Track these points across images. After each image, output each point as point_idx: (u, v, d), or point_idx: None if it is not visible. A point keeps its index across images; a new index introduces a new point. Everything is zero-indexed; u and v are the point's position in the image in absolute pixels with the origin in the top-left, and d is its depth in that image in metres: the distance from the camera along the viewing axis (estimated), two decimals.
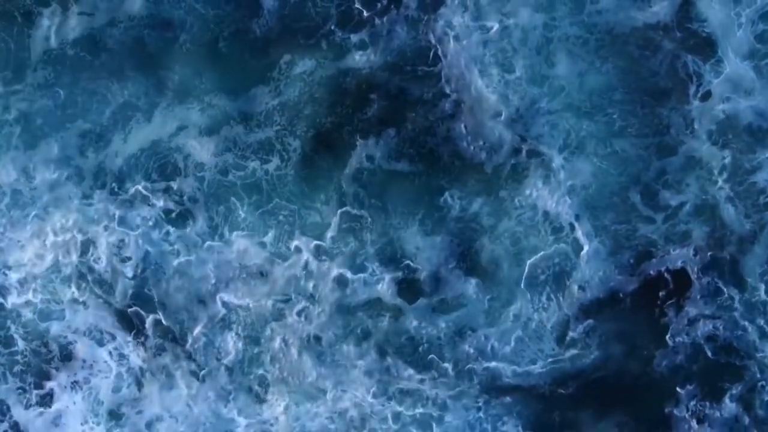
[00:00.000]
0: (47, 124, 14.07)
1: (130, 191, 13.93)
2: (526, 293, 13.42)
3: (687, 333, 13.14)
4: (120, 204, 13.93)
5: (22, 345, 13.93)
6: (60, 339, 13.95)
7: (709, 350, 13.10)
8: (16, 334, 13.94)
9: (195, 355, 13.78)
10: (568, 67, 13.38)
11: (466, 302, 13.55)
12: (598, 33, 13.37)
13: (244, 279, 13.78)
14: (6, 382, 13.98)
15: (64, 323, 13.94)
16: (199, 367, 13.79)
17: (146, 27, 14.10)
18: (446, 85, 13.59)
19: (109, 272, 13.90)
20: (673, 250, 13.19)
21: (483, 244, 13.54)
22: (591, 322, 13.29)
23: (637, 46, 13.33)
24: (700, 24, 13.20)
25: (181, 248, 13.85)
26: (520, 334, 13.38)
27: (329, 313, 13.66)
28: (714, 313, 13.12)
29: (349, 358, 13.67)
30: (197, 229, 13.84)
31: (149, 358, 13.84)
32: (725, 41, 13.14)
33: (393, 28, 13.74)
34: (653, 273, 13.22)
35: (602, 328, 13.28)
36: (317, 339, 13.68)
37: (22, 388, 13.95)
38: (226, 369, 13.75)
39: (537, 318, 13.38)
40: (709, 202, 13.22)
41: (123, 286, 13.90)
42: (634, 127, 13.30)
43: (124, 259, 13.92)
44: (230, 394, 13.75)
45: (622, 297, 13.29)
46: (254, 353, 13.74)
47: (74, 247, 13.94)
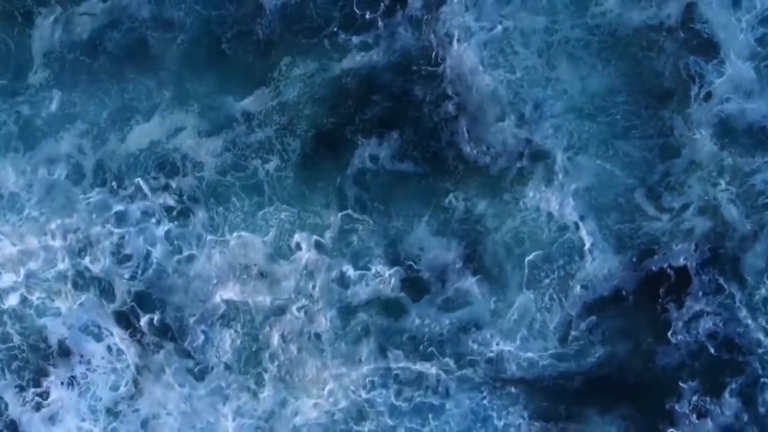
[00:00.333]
0: (47, 124, 14.02)
1: (130, 189, 13.90)
2: (530, 293, 13.48)
3: (689, 330, 13.23)
4: (119, 202, 13.91)
5: (18, 341, 13.87)
6: (57, 336, 13.88)
7: (711, 347, 13.20)
8: (12, 330, 13.88)
9: (193, 352, 13.75)
10: (570, 69, 13.47)
11: (471, 300, 13.60)
12: (600, 35, 13.46)
13: (243, 277, 13.78)
14: (4, 378, 13.93)
15: (61, 320, 13.88)
16: (197, 365, 13.77)
17: (147, 28, 14.06)
18: (448, 87, 13.62)
19: (108, 270, 13.85)
20: (676, 248, 13.28)
21: (488, 244, 13.58)
22: (595, 319, 13.32)
23: (640, 48, 13.43)
24: (703, 25, 13.33)
25: (180, 246, 13.84)
26: (525, 333, 13.46)
27: (330, 311, 13.70)
28: (715, 310, 13.23)
29: (349, 353, 13.73)
30: (197, 228, 13.83)
31: (147, 355, 13.81)
32: (727, 42, 13.25)
33: (396, 29, 13.78)
34: (656, 271, 13.29)
35: (606, 326, 13.33)
36: (317, 336, 13.72)
37: (20, 386, 13.88)
38: (225, 366, 13.74)
39: (541, 317, 13.44)
40: (710, 202, 13.33)
41: (121, 283, 13.86)
42: (637, 128, 13.39)
43: (122, 256, 13.88)
44: (228, 391, 13.76)
45: (626, 295, 13.35)
46: (253, 350, 13.72)
47: (72, 245, 13.91)
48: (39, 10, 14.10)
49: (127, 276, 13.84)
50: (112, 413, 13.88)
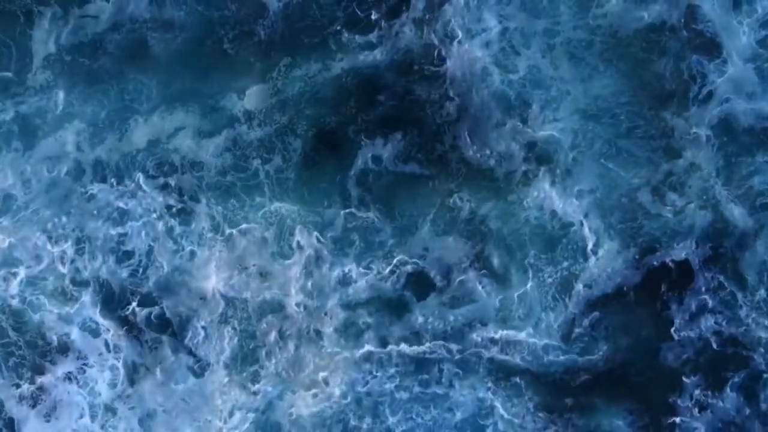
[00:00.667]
0: (47, 123, 13.98)
1: (130, 187, 13.88)
2: (535, 290, 13.52)
3: (691, 326, 13.27)
4: (119, 199, 13.88)
5: (15, 337, 13.79)
6: (55, 333, 13.78)
7: (714, 342, 13.24)
8: (9, 327, 13.78)
9: (192, 349, 13.68)
10: (573, 70, 13.56)
11: (476, 298, 13.62)
12: (602, 35, 13.55)
13: (243, 275, 13.76)
14: (2, 377, 13.86)
15: (59, 317, 13.80)
16: (196, 361, 13.71)
17: (148, 29, 14.04)
18: (451, 88, 13.67)
19: (107, 267, 13.81)
20: (678, 246, 13.35)
21: (492, 243, 13.61)
22: (598, 315, 13.31)
23: (642, 48, 13.53)
24: (705, 25, 13.44)
25: (180, 243, 13.81)
26: (530, 330, 13.50)
27: (330, 308, 13.71)
28: (717, 307, 13.29)
29: (349, 347, 13.71)
30: (197, 225, 13.81)
31: (145, 352, 13.73)
32: (729, 43, 13.36)
33: (399, 29, 13.82)
34: (658, 270, 13.36)
35: (609, 322, 13.37)
36: (317, 332, 13.71)
37: (16, 384, 13.81)
38: (224, 362, 13.70)
39: (545, 314, 13.46)
40: (711, 202, 13.42)
41: (120, 280, 13.80)
42: (640, 128, 13.47)
43: (122, 253, 13.84)
44: (227, 386, 13.74)
45: (629, 292, 13.41)
46: (252, 347, 13.65)
47: (72, 242, 13.86)
48: (40, 10, 14.05)
49: (126, 273, 13.78)
50: (109, 410, 13.80)
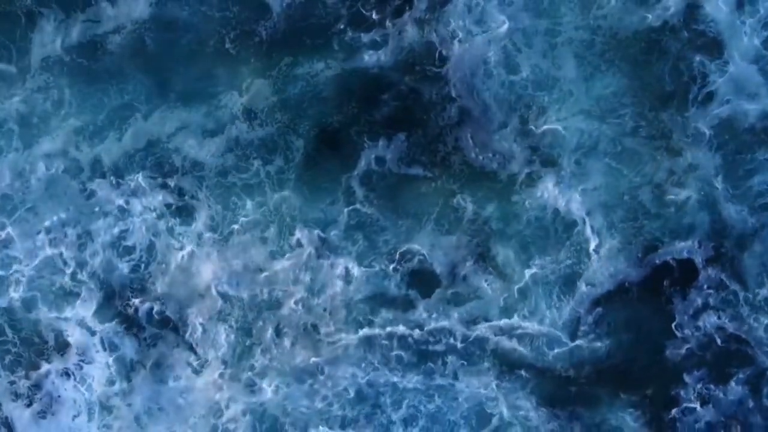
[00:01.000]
0: (48, 123, 14.02)
1: (131, 185, 13.89)
2: (539, 288, 13.58)
3: (694, 323, 13.31)
4: (119, 196, 13.90)
5: (11, 335, 13.81)
6: (53, 329, 13.80)
7: (718, 338, 13.25)
8: (6, 324, 13.82)
9: (191, 346, 13.66)
10: (575, 71, 13.55)
11: (481, 295, 13.64)
12: (603, 36, 13.55)
13: (243, 272, 13.80)
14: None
15: (57, 314, 13.82)
16: (195, 357, 13.73)
17: (151, 30, 14.08)
18: (454, 88, 13.69)
19: (106, 263, 13.82)
20: (679, 245, 13.36)
21: (496, 243, 13.63)
22: (602, 312, 13.37)
23: (645, 48, 13.52)
24: (707, 25, 13.43)
25: (180, 240, 13.82)
26: (534, 326, 13.52)
27: (331, 304, 13.72)
28: (719, 305, 13.32)
29: (349, 341, 13.75)
30: (198, 223, 13.83)
31: (143, 349, 13.74)
32: (732, 44, 13.37)
33: (402, 28, 13.83)
34: (661, 267, 13.38)
35: (614, 319, 13.40)
36: (314, 327, 13.71)
37: (12, 381, 13.80)
38: (221, 358, 13.72)
39: (550, 312, 13.55)
40: (712, 201, 13.42)
41: (119, 276, 13.82)
42: (642, 128, 13.46)
43: (121, 250, 13.86)
44: (223, 382, 13.74)
45: (632, 290, 13.44)
46: (249, 343, 13.69)
47: (71, 239, 13.88)
48: (41, 11, 14.08)
49: (125, 270, 13.78)
50: (106, 407, 13.80)
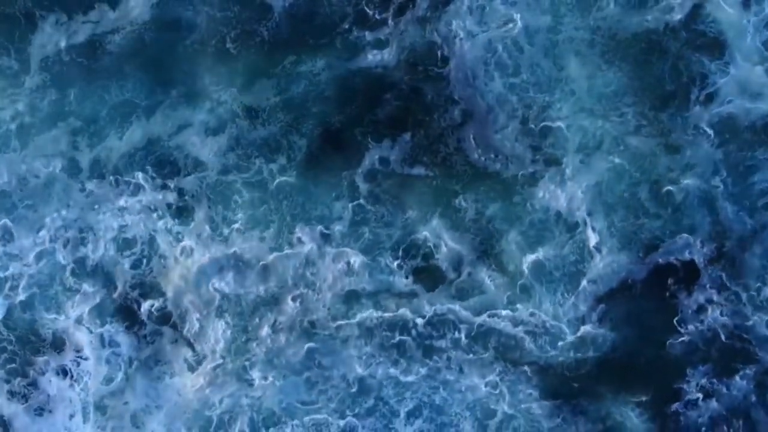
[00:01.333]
0: (46, 121, 13.97)
1: (131, 183, 13.88)
2: (542, 285, 13.58)
3: (697, 319, 13.44)
4: (119, 194, 13.89)
5: (7, 333, 13.78)
6: (50, 327, 13.77)
7: (722, 334, 13.31)
8: (2, 323, 13.81)
9: (189, 342, 13.65)
10: (577, 71, 13.56)
11: (485, 290, 13.67)
12: (604, 36, 13.56)
13: (243, 268, 13.80)
14: None
15: (55, 312, 13.79)
16: (192, 353, 13.73)
17: (153, 31, 14.06)
18: (455, 92, 13.73)
19: (105, 260, 13.81)
20: (680, 242, 13.39)
21: (499, 240, 13.65)
22: (605, 309, 13.40)
23: (646, 48, 13.55)
24: (709, 25, 13.46)
25: (179, 238, 13.80)
26: (538, 321, 13.64)
27: (332, 299, 13.77)
28: (721, 301, 13.33)
29: (351, 335, 13.78)
30: (198, 220, 13.82)
31: (140, 346, 13.69)
32: (735, 44, 13.45)
33: (405, 28, 13.84)
34: (663, 265, 13.40)
35: (616, 315, 13.42)
36: (311, 323, 13.76)
37: (8, 380, 13.77)
38: (220, 354, 13.74)
39: (553, 308, 13.59)
40: (712, 200, 13.45)
41: (118, 273, 13.81)
42: (643, 128, 13.47)
43: (120, 247, 13.85)
44: (219, 378, 13.79)
45: (635, 287, 13.45)
46: (246, 338, 13.68)
47: (71, 237, 13.86)
48: (42, 14, 14.01)
49: (124, 267, 13.78)
50: (102, 404, 13.75)
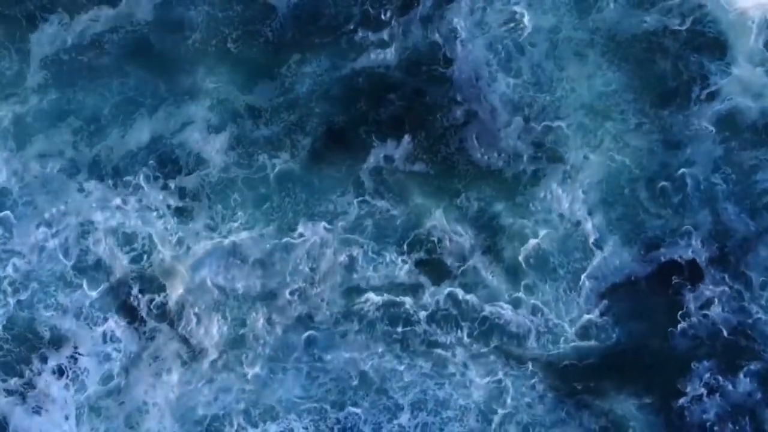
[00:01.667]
0: (45, 121, 13.93)
1: (132, 180, 13.88)
2: (545, 282, 13.66)
3: (700, 316, 13.56)
4: (121, 191, 13.89)
5: (3, 332, 13.72)
6: (48, 324, 13.69)
7: (725, 330, 13.37)
8: (4, 322, 13.75)
9: (186, 338, 13.61)
10: (578, 70, 13.71)
11: (488, 286, 13.69)
12: (604, 36, 13.73)
13: (243, 264, 13.81)
14: None
15: (54, 311, 13.71)
16: (189, 350, 13.69)
17: (155, 31, 14.08)
18: (458, 92, 13.82)
19: (104, 258, 13.77)
20: (681, 243, 13.46)
21: (502, 238, 13.74)
22: (608, 305, 13.43)
23: (647, 48, 13.71)
24: (708, 26, 13.64)
25: (181, 235, 13.79)
26: (540, 318, 13.73)
27: (330, 295, 13.78)
28: (722, 298, 13.50)
29: (350, 329, 13.78)
30: (200, 216, 13.83)
31: (140, 344, 13.71)
32: (736, 44, 13.62)
33: (408, 28, 13.93)
34: (665, 262, 13.46)
35: (619, 312, 13.46)
36: (309, 317, 13.78)
37: (4, 379, 13.71)
38: (217, 350, 13.70)
39: (556, 305, 13.64)
40: (713, 200, 13.56)
41: (118, 272, 13.77)
42: (644, 127, 13.59)
43: (122, 244, 13.82)
44: (217, 374, 13.76)
45: (637, 284, 13.51)
46: (245, 333, 13.66)
47: (70, 235, 13.82)
48: (45, 15, 14.08)
49: (123, 265, 13.74)
50: (97, 408, 13.73)
